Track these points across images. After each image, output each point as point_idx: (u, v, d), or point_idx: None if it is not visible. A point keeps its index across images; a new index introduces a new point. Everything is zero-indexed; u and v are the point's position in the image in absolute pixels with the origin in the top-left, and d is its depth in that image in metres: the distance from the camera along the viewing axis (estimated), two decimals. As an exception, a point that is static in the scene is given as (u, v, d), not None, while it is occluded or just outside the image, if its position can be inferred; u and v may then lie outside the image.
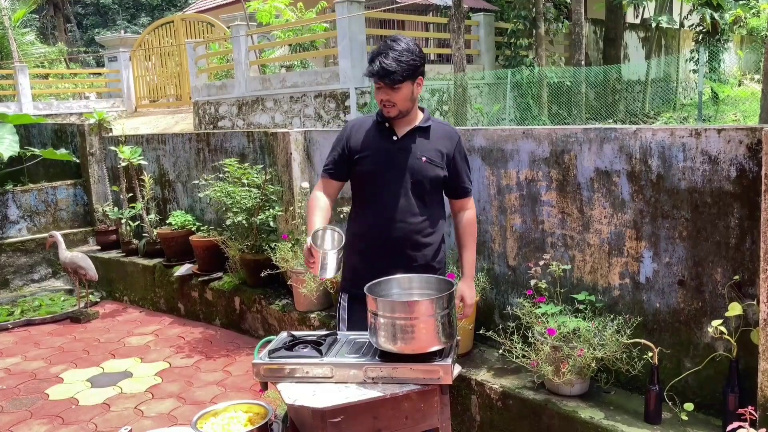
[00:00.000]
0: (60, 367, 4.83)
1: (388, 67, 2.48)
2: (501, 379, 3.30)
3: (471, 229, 2.80)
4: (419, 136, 2.66)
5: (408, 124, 2.67)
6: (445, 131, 2.73)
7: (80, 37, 31.40)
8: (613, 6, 13.29)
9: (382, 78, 2.50)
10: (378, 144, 2.66)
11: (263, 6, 13.20)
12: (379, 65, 2.50)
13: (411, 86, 2.57)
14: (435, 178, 2.65)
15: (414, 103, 2.64)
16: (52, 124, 8.65)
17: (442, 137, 2.70)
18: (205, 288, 5.59)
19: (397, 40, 2.56)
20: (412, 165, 2.62)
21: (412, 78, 2.55)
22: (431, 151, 2.65)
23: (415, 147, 2.64)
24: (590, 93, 12.05)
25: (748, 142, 2.61)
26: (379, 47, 2.55)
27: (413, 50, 2.54)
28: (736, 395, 2.61)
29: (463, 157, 2.77)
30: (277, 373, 2.19)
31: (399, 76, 2.50)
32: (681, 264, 2.88)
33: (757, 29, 16.85)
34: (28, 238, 7.10)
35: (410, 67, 2.52)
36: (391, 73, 2.48)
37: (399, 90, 2.53)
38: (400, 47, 2.52)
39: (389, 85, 2.51)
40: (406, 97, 2.57)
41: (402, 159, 2.63)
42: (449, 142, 2.70)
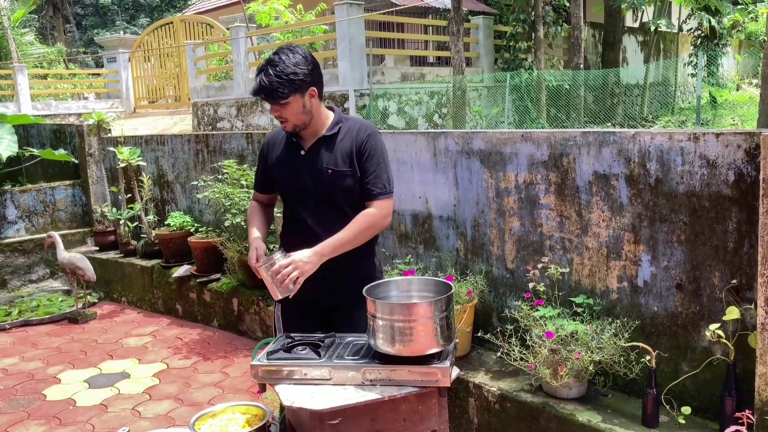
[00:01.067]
0: (57, 367, 4.82)
1: (269, 85, 2.35)
2: (499, 381, 3.30)
3: (361, 218, 2.50)
4: (325, 146, 2.53)
5: (314, 135, 2.55)
6: (354, 131, 2.55)
7: (79, 37, 31.39)
8: (612, 10, 13.32)
9: (264, 97, 2.39)
10: (288, 159, 2.59)
11: (263, 8, 13.21)
12: (259, 84, 2.38)
13: (300, 100, 2.42)
14: (345, 188, 2.51)
15: (311, 114, 2.49)
16: (51, 125, 8.65)
17: (348, 140, 2.53)
18: (204, 289, 5.59)
19: (280, 53, 2.41)
20: (320, 179, 2.51)
21: (299, 91, 2.40)
22: (337, 161, 2.51)
23: (321, 159, 2.52)
24: (589, 96, 12.07)
25: (746, 147, 2.61)
26: (264, 62, 2.42)
27: (299, 62, 2.39)
28: (733, 399, 2.62)
29: (373, 157, 2.52)
30: (275, 374, 2.19)
31: (282, 93, 2.36)
32: (679, 268, 2.88)
33: (755, 34, 16.90)
34: (27, 238, 7.09)
35: (295, 82, 2.37)
36: (273, 91, 2.36)
37: (287, 106, 2.40)
38: (284, 61, 2.37)
39: (275, 103, 2.40)
40: (297, 112, 2.44)
41: (309, 173, 2.53)
42: (355, 142, 2.52)
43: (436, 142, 3.89)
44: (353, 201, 2.55)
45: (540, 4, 11.75)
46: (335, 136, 2.55)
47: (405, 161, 4.10)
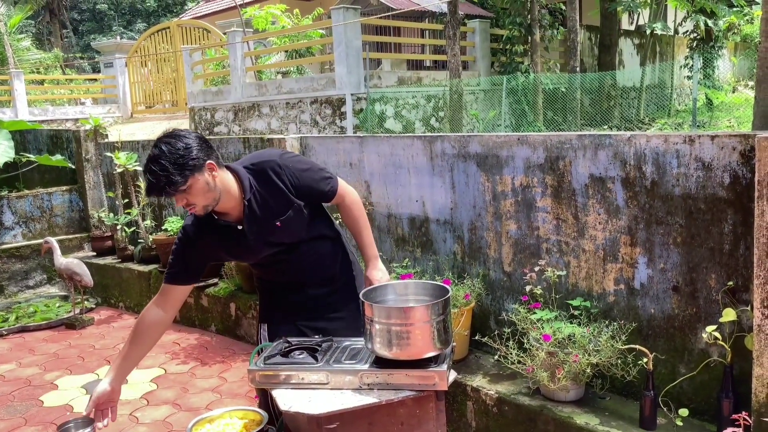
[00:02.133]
0: (55, 373, 4.81)
1: (160, 180, 2.17)
2: (496, 384, 3.30)
3: (357, 211, 2.62)
4: (256, 208, 2.40)
5: (236, 206, 2.39)
6: (268, 171, 2.41)
7: (76, 43, 31.39)
8: (608, 13, 13.36)
9: (162, 193, 2.20)
10: (231, 243, 2.44)
11: (259, 12, 13.24)
12: (149, 184, 2.20)
13: (201, 178, 2.23)
14: (302, 221, 2.47)
15: (219, 189, 2.30)
16: (48, 130, 8.65)
17: (272, 183, 2.41)
18: (201, 294, 5.58)
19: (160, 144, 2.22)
20: (274, 237, 2.45)
21: (196, 172, 2.21)
22: (276, 209, 2.41)
23: (261, 221, 2.40)
24: (585, 99, 12.09)
25: (741, 149, 2.62)
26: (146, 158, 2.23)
27: (183, 146, 2.20)
28: (730, 401, 2.62)
29: (301, 172, 2.45)
30: (273, 379, 2.19)
31: (178, 181, 2.18)
32: (675, 270, 2.89)
33: (751, 36, 16.96)
34: (23, 244, 7.08)
35: (188, 165, 2.18)
36: (167, 184, 2.17)
37: (190, 190, 2.22)
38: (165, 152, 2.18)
39: (175, 194, 2.21)
40: (203, 192, 2.25)
41: (262, 240, 2.44)
42: (280, 178, 2.40)
43: (432, 145, 3.90)
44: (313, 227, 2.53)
45: (536, 7, 11.78)
46: (257, 192, 2.40)
47: (402, 165, 4.10)
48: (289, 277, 2.59)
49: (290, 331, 2.53)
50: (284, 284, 2.63)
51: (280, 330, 2.57)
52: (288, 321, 2.59)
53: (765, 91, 4.82)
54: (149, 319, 2.45)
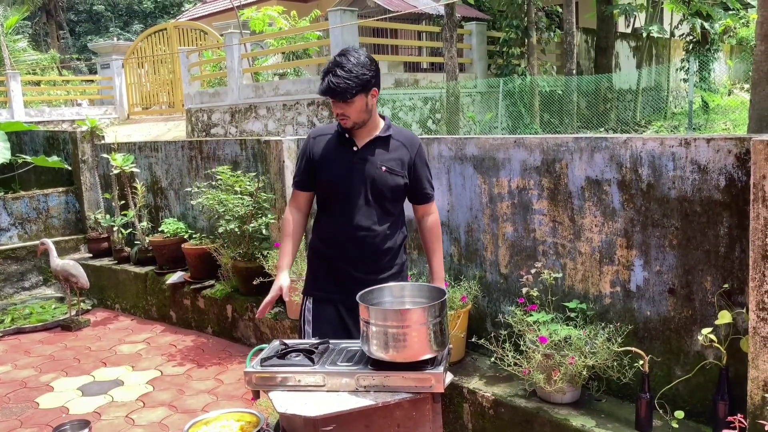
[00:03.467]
0: (50, 375, 4.80)
1: (337, 85, 2.51)
2: (493, 387, 3.31)
3: (436, 233, 2.86)
4: (379, 145, 2.70)
5: (368, 134, 2.71)
6: (406, 138, 2.78)
7: (73, 44, 31.35)
8: (605, 16, 13.39)
9: (332, 95, 2.55)
10: (338, 154, 2.70)
11: (256, 14, 13.24)
12: (327, 84, 2.53)
13: (364, 99, 2.59)
14: (395, 186, 2.70)
15: (371, 113, 2.67)
16: (44, 131, 8.63)
17: (402, 146, 2.74)
18: (198, 296, 5.58)
19: (347, 54, 2.59)
20: (372, 174, 2.67)
21: (364, 91, 2.58)
22: (391, 161, 2.70)
23: (375, 157, 2.68)
24: (582, 102, 12.12)
25: (736, 152, 2.63)
26: (329, 63, 2.58)
27: (364, 63, 2.57)
28: (726, 403, 2.63)
29: (424, 164, 2.80)
30: (269, 381, 2.19)
31: (349, 92, 2.53)
32: (671, 272, 2.90)
33: (747, 39, 17.00)
34: (19, 245, 7.06)
35: (361, 82, 2.54)
36: (341, 91, 2.52)
37: (352, 104, 2.56)
38: (350, 63, 2.54)
39: (342, 101, 2.55)
40: (360, 110, 2.60)
41: (362, 169, 2.67)
42: (409, 150, 2.75)
43: (429, 147, 3.90)
44: (394, 200, 2.74)
45: (533, 10, 11.80)
46: (389, 139, 2.72)
47: (398, 167, 4.10)
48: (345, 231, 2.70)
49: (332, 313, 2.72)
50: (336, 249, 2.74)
51: (324, 309, 2.75)
52: (331, 300, 2.74)
53: (760, 94, 4.84)
54: (292, 219, 2.81)
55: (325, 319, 2.73)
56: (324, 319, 2.73)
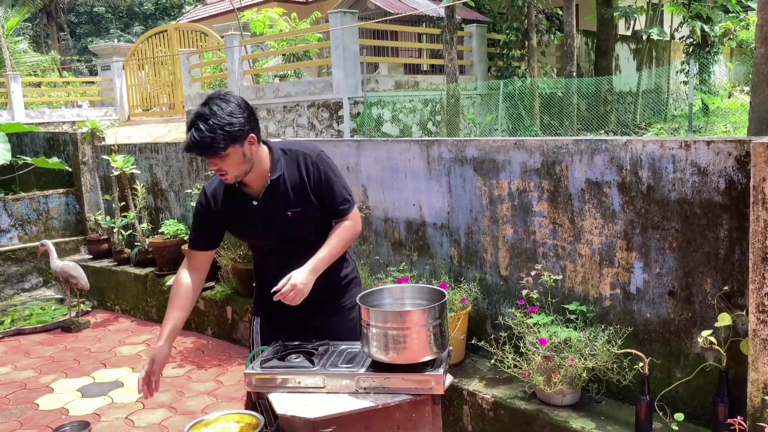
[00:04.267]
0: (50, 376, 4.80)
1: (201, 140, 2.19)
2: (493, 389, 3.31)
3: (342, 232, 2.53)
4: (277, 189, 2.43)
5: (261, 179, 2.42)
6: (299, 162, 2.46)
7: (73, 45, 31.38)
8: (605, 18, 13.40)
9: (199, 153, 2.24)
10: (240, 214, 2.48)
11: (257, 16, 13.26)
12: (191, 140, 2.21)
13: (240, 149, 2.26)
14: (310, 221, 2.49)
15: (252, 162, 2.35)
16: (45, 133, 8.63)
17: (298, 175, 2.45)
18: (197, 297, 5.56)
19: (211, 103, 2.25)
20: (281, 225, 2.45)
21: (236, 142, 2.24)
22: (293, 201, 2.44)
23: (277, 205, 2.43)
24: (582, 104, 12.13)
25: (736, 154, 2.63)
26: (193, 115, 2.25)
27: (232, 111, 2.24)
28: (725, 405, 2.63)
29: (329, 179, 2.48)
30: (269, 383, 2.19)
31: (218, 147, 2.20)
32: (671, 274, 2.90)
33: (747, 42, 17.02)
34: (19, 246, 7.06)
35: (229, 133, 2.21)
36: (207, 146, 2.20)
37: (226, 158, 2.25)
38: (214, 113, 2.21)
39: (213, 157, 2.25)
40: (237, 163, 2.29)
41: (270, 223, 2.46)
42: (307, 171, 2.45)
43: (429, 149, 3.91)
44: (317, 230, 2.53)
45: (533, 12, 11.82)
46: (282, 176, 2.44)
47: (399, 169, 4.11)
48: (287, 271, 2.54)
49: (282, 328, 2.55)
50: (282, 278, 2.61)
51: (274, 326, 2.60)
52: (282, 318, 2.58)
53: (760, 96, 4.84)
54: (184, 283, 2.55)
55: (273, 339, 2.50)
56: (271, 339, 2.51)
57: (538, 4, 12.10)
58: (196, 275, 2.57)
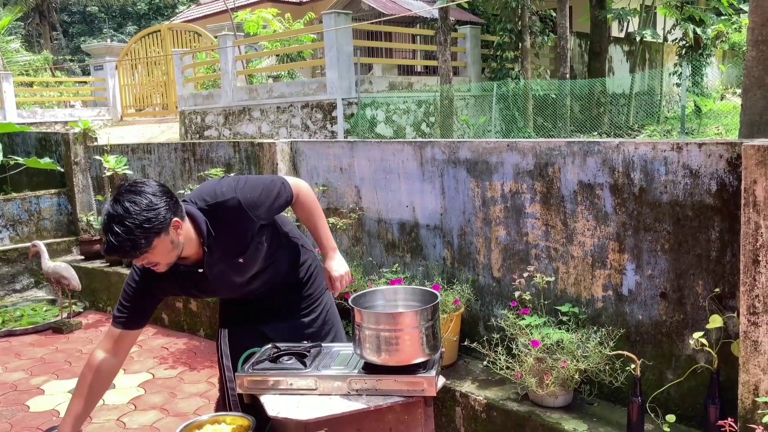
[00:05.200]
0: (41, 378, 4.77)
1: (123, 243, 2.01)
2: (485, 390, 3.31)
3: (311, 204, 2.53)
4: (216, 251, 2.28)
5: (195, 248, 2.26)
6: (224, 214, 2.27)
7: (66, 45, 31.25)
8: (598, 20, 13.45)
9: (123, 256, 2.07)
10: (190, 284, 2.36)
11: (251, 16, 13.25)
12: (110, 244, 2.02)
13: (166, 238, 2.08)
14: (262, 250, 2.40)
15: (181, 244, 2.17)
16: (37, 133, 8.59)
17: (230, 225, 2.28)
18: (190, 298, 5.56)
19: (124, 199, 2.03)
20: (237, 271, 2.38)
21: (161, 234, 2.06)
22: (238, 247, 2.32)
23: (223, 261, 2.31)
24: (575, 105, 12.17)
25: (728, 157, 2.65)
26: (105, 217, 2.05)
27: (150, 204, 2.03)
28: (717, 407, 2.64)
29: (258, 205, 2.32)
30: (261, 385, 2.18)
31: (142, 245, 2.03)
32: (663, 276, 2.91)
33: (739, 44, 17.11)
34: (10, 247, 7.03)
35: (152, 228, 2.02)
36: (130, 248, 2.03)
37: (153, 251, 2.07)
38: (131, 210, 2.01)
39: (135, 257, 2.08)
40: (166, 252, 2.12)
41: (224, 278, 2.36)
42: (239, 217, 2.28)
43: (422, 151, 3.91)
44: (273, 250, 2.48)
45: (527, 14, 11.85)
46: (217, 238, 2.27)
47: (392, 170, 4.11)
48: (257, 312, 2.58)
49: (253, 337, 2.51)
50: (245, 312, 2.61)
51: (243, 335, 2.56)
52: (251, 325, 2.57)
53: (751, 99, 4.86)
54: (100, 368, 2.28)
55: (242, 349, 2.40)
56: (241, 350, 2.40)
57: (531, 6, 12.13)
58: (116, 360, 2.31)
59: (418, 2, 13.84)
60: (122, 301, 2.34)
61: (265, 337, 2.50)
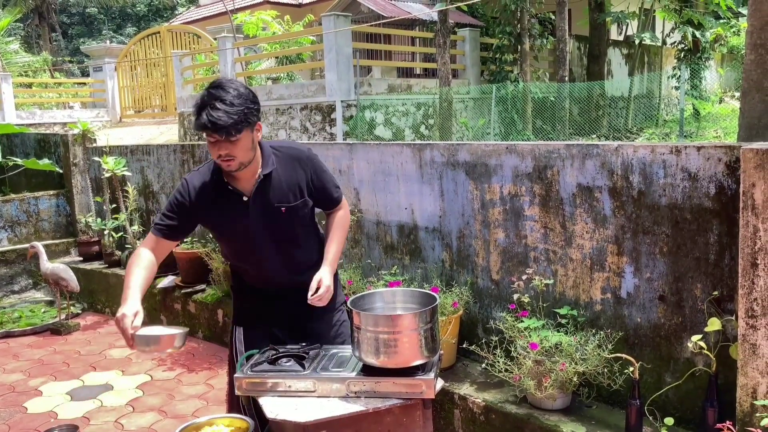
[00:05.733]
0: (39, 379, 4.77)
1: (218, 119, 2.16)
2: (484, 393, 3.31)
3: (341, 222, 2.62)
4: (269, 184, 2.41)
5: (252, 175, 2.40)
6: (294, 158, 2.49)
7: (65, 46, 31.25)
8: (597, 23, 13.46)
9: (215, 132, 2.19)
10: (229, 211, 2.42)
11: (250, 18, 13.24)
12: (207, 119, 2.17)
13: (251, 135, 2.29)
14: (301, 217, 2.50)
15: (256, 150, 2.37)
16: (36, 134, 8.59)
17: (294, 172, 2.46)
18: (188, 300, 5.56)
19: (223, 86, 2.24)
20: (273, 220, 2.44)
21: (249, 127, 2.26)
22: (288, 195, 2.44)
23: (269, 200, 2.42)
24: (574, 108, 12.17)
25: (726, 160, 2.65)
26: (203, 97, 2.23)
27: (246, 95, 2.26)
28: (715, 410, 2.64)
29: (323, 171, 2.56)
30: (260, 386, 2.18)
31: (235, 128, 2.19)
32: (662, 279, 2.91)
33: (737, 48, 17.13)
34: (9, 248, 7.02)
35: (245, 116, 2.22)
36: (224, 126, 2.17)
37: (238, 142, 2.23)
38: (229, 95, 2.21)
39: (226, 140, 2.22)
40: (247, 148, 2.29)
41: (261, 220, 2.42)
42: (301, 169, 2.48)
43: (422, 153, 3.91)
44: (305, 227, 2.56)
45: (526, 17, 11.86)
46: (275, 171, 2.43)
47: (391, 172, 4.11)
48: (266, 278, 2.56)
49: (265, 337, 2.54)
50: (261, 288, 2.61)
51: (256, 335, 2.58)
52: (263, 326, 2.59)
53: (750, 103, 4.86)
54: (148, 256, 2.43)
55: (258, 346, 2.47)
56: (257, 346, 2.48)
57: (531, 9, 12.14)
58: (156, 259, 2.45)
59: (418, 5, 13.86)
60: (165, 212, 2.45)
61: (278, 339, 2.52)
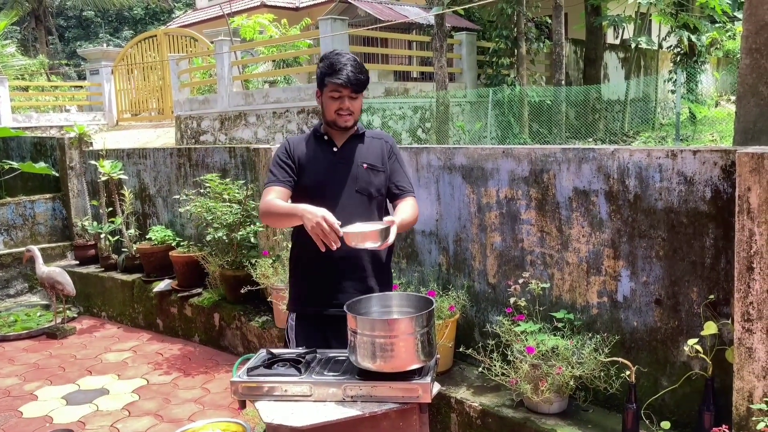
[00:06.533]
0: (35, 384, 4.75)
1: (357, 77, 2.57)
2: (480, 397, 3.31)
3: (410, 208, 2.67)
4: (357, 143, 2.72)
5: (345, 134, 2.72)
6: (379, 136, 2.82)
7: (62, 49, 31.21)
8: (594, 27, 13.50)
9: (355, 86, 2.58)
10: (319, 156, 2.70)
11: (247, 22, 13.25)
12: (352, 74, 2.57)
13: (361, 98, 2.69)
14: (378, 183, 2.69)
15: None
16: (32, 137, 8.57)
17: (377, 143, 2.77)
18: (185, 304, 5.54)
19: (344, 54, 2.65)
20: (355, 173, 2.67)
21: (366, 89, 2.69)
22: (370, 156, 2.71)
23: (355, 155, 2.70)
24: (571, 112, 12.20)
25: (722, 164, 2.66)
26: (336, 59, 2.60)
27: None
28: (711, 413, 2.64)
29: (399, 155, 2.82)
30: (256, 391, 2.18)
31: (363, 86, 2.62)
32: (658, 283, 2.91)
33: (733, 51, 17.20)
34: (5, 252, 7.00)
35: (367, 81, 2.64)
36: (360, 83, 2.59)
37: (357, 99, 2.64)
38: (356, 59, 2.62)
39: (356, 94, 2.61)
40: (360, 107, 2.68)
41: (344, 168, 2.67)
42: (384, 146, 2.77)
43: (418, 157, 3.91)
44: (378, 197, 2.71)
45: (522, 20, 11.88)
46: (363, 136, 2.75)
47: (388, 176, 4.10)
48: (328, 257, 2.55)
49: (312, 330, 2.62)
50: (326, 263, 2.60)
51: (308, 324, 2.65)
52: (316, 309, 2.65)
53: (745, 106, 4.88)
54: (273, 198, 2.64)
55: (307, 337, 2.62)
56: (305, 336, 2.63)
57: (527, 13, 12.17)
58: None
59: (414, 9, 13.88)
60: (272, 169, 2.73)
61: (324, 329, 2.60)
